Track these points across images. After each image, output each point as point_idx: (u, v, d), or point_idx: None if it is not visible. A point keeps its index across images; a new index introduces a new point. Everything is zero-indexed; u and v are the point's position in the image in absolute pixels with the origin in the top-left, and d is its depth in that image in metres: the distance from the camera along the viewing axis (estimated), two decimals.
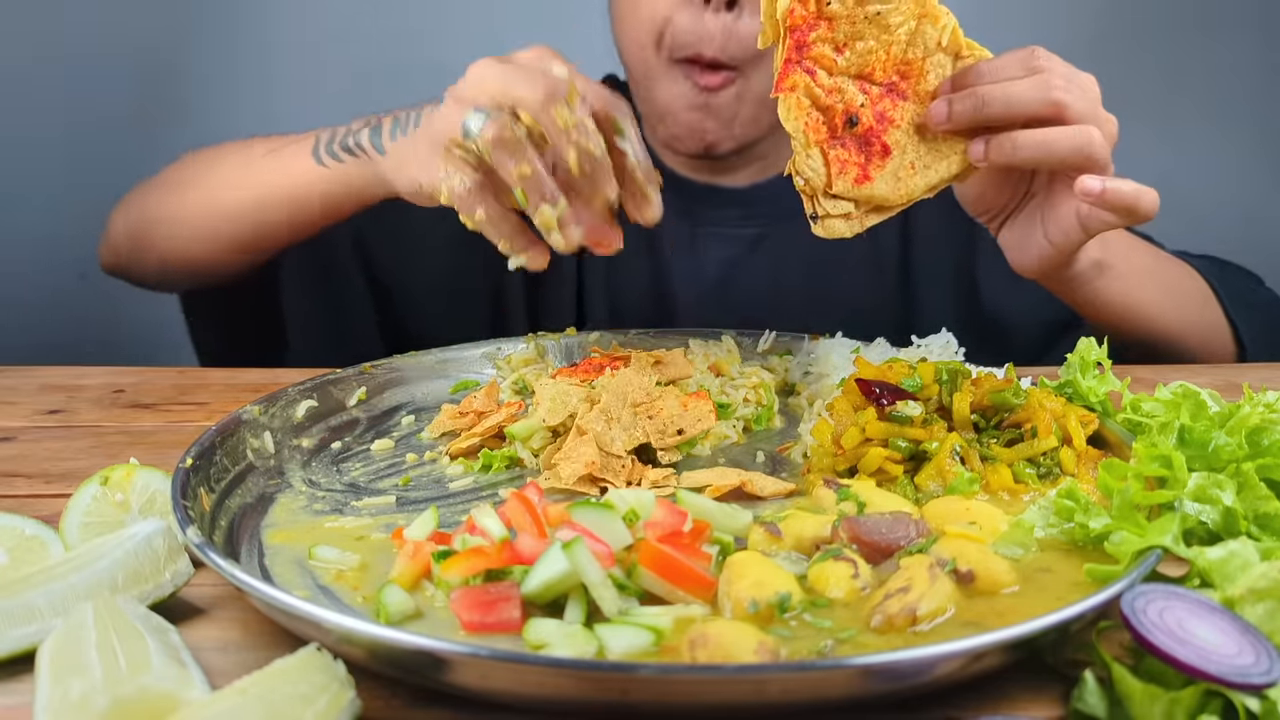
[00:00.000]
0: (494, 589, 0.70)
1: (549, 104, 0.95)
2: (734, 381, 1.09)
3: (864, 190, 0.99)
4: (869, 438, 0.91)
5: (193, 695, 0.62)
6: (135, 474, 0.86)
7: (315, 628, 0.66)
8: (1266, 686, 0.60)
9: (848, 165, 0.98)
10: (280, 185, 1.24)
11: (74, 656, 0.62)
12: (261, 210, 1.27)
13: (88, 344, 2.17)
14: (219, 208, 1.30)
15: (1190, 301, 1.36)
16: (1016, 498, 0.88)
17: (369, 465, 0.99)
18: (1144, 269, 1.30)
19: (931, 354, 1.11)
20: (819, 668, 0.62)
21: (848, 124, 0.98)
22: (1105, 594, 0.67)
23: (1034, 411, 0.92)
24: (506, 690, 0.63)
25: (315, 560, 0.80)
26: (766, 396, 1.09)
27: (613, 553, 0.71)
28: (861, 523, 0.77)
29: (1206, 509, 0.76)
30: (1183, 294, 1.36)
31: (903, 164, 1.00)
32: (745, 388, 1.09)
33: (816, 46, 0.97)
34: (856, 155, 0.99)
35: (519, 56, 1.01)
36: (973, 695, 0.66)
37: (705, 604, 0.71)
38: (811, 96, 0.97)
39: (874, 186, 0.99)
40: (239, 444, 0.95)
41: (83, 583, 0.71)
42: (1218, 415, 0.90)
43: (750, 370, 1.12)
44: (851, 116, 0.98)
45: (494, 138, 0.95)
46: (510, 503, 0.78)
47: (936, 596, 0.69)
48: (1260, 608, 0.66)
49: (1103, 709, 0.64)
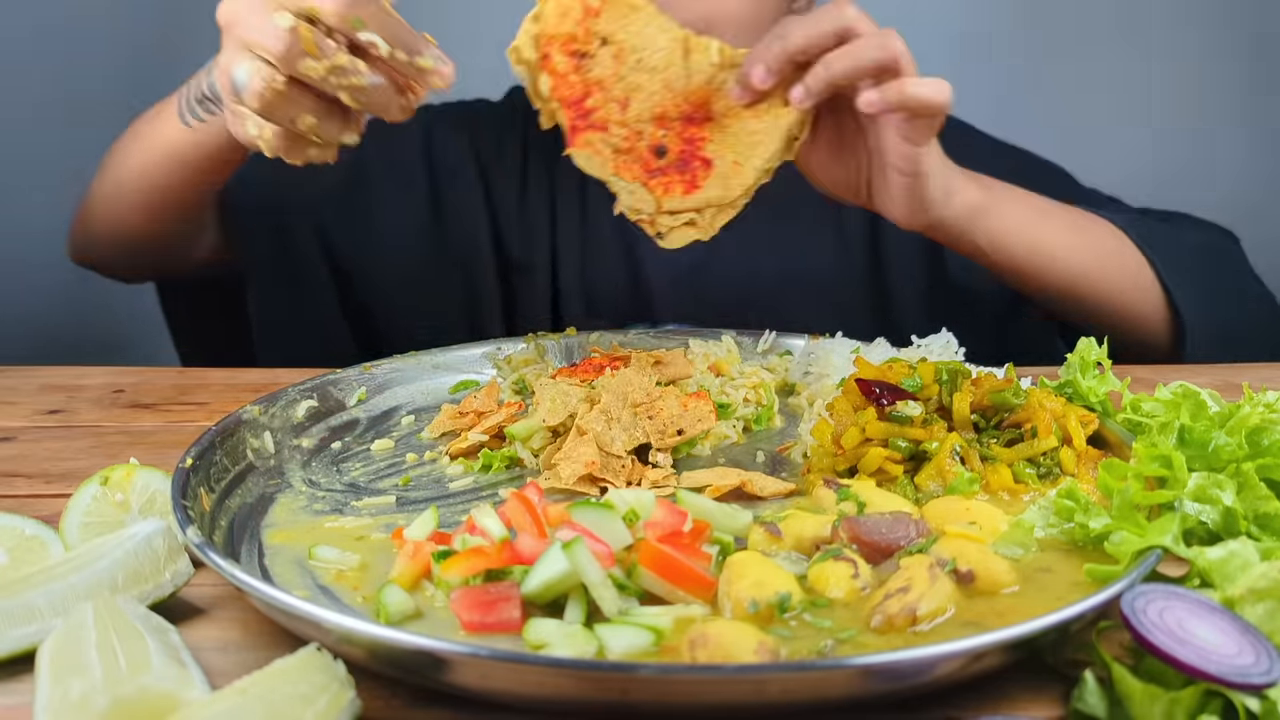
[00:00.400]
0: (494, 589, 0.70)
1: (292, 61, 0.91)
2: (734, 381, 1.09)
3: (696, 198, 1.00)
4: (869, 438, 0.91)
5: (193, 695, 0.62)
6: (135, 474, 0.86)
7: (315, 628, 0.66)
8: (1266, 686, 0.60)
9: (672, 185, 1.00)
10: (159, 147, 1.24)
11: (74, 656, 0.62)
12: (151, 174, 1.27)
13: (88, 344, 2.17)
14: (124, 176, 1.31)
15: (1103, 244, 1.31)
16: (1016, 498, 0.88)
17: (369, 465, 0.99)
18: (1038, 209, 1.27)
19: (931, 354, 1.11)
20: (819, 668, 0.62)
21: (657, 154, 0.99)
22: (1105, 594, 0.67)
23: (1034, 411, 0.92)
24: (506, 690, 0.63)
25: (315, 560, 0.80)
26: (766, 396, 1.09)
27: (613, 553, 0.71)
28: (861, 523, 0.77)
29: (1206, 509, 0.76)
30: (1093, 235, 1.31)
31: (726, 165, 1.01)
32: (745, 388, 1.09)
33: (598, 111, 0.98)
34: (679, 176, 1.00)
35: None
36: (973, 695, 0.66)
37: (705, 604, 0.71)
38: (611, 146, 0.99)
39: (705, 193, 1.01)
40: (239, 444, 0.95)
41: (83, 583, 0.72)
42: (1218, 415, 0.90)
43: (750, 370, 1.12)
44: (658, 147, 0.99)
45: (260, 100, 0.92)
46: (510, 503, 0.78)
47: (936, 596, 0.69)
48: (1260, 608, 0.66)
49: (1103, 709, 0.64)
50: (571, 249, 1.47)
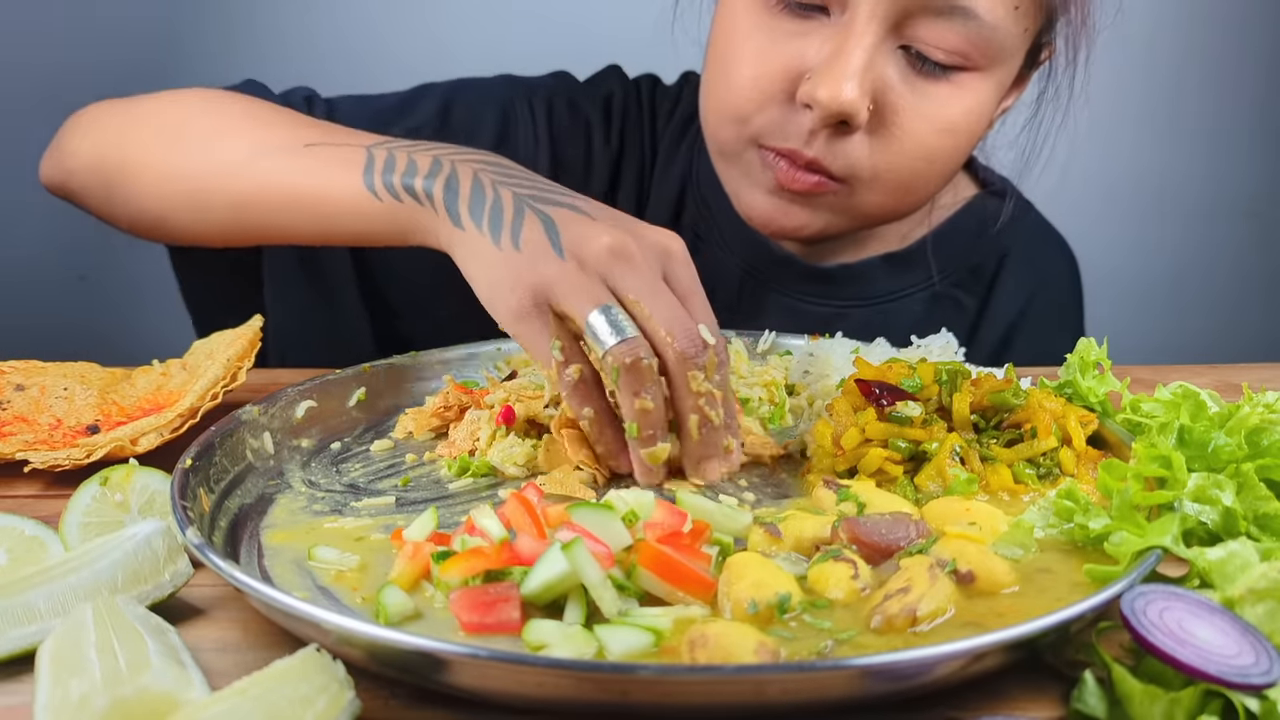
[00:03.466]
0: (493, 590, 0.70)
1: (686, 364, 0.87)
2: (746, 380, 1.10)
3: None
4: (869, 438, 0.91)
5: (192, 696, 0.62)
6: (135, 474, 0.86)
7: (315, 628, 0.66)
8: (1266, 686, 0.60)
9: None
10: (313, 194, 1.06)
11: (74, 656, 0.62)
12: (281, 210, 1.09)
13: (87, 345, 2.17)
14: (229, 187, 1.11)
15: None
16: (1016, 498, 0.88)
17: (369, 465, 0.99)
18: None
19: (931, 354, 1.11)
20: (819, 668, 0.62)
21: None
22: (1105, 594, 0.67)
23: (1034, 412, 0.92)
24: (506, 691, 0.63)
25: (315, 561, 0.80)
26: (778, 394, 1.09)
27: (612, 553, 0.71)
28: (861, 523, 0.77)
29: (1206, 509, 0.76)
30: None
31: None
32: (758, 385, 1.09)
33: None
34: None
35: (649, 237, 0.91)
36: (973, 695, 0.66)
37: (705, 605, 0.71)
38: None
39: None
40: (238, 444, 0.95)
41: (83, 583, 0.72)
42: (1217, 415, 0.90)
43: (762, 369, 1.12)
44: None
45: (629, 367, 0.86)
46: (510, 503, 0.78)
47: (936, 597, 0.69)
48: (1260, 608, 0.66)
49: (1103, 709, 0.64)
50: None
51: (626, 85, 1.47)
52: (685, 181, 1.43)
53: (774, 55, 1.14)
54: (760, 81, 1.15)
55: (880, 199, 1.20)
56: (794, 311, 1.39)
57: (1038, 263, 1.45)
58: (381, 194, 1.02)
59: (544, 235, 0.91)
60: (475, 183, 0.98)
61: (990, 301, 1.42)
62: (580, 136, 1.42)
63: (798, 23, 1.14)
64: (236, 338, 1.07)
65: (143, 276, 2.01)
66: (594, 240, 0.89)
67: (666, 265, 0.92)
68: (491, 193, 0.97)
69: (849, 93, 1.09)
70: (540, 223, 0.92)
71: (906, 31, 1.11)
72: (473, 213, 0.96)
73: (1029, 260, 1.44)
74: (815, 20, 1.13)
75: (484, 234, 0.94)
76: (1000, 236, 1.42)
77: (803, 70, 1.13)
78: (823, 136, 1.14)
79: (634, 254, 0.89)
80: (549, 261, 0.90)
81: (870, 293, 1.40)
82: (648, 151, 1.45)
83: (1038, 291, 1.43)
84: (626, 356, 0.86)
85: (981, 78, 1.15)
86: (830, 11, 1.12)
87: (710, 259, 1.41)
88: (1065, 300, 1.49)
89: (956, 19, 1.10)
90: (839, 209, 1.21)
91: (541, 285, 0.90)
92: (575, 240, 0.90)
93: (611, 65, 1.51)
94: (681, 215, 1.43)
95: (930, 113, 1.15)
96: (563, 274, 0.89)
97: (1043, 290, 1.44)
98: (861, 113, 1.11)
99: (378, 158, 1.04)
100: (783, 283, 1.39)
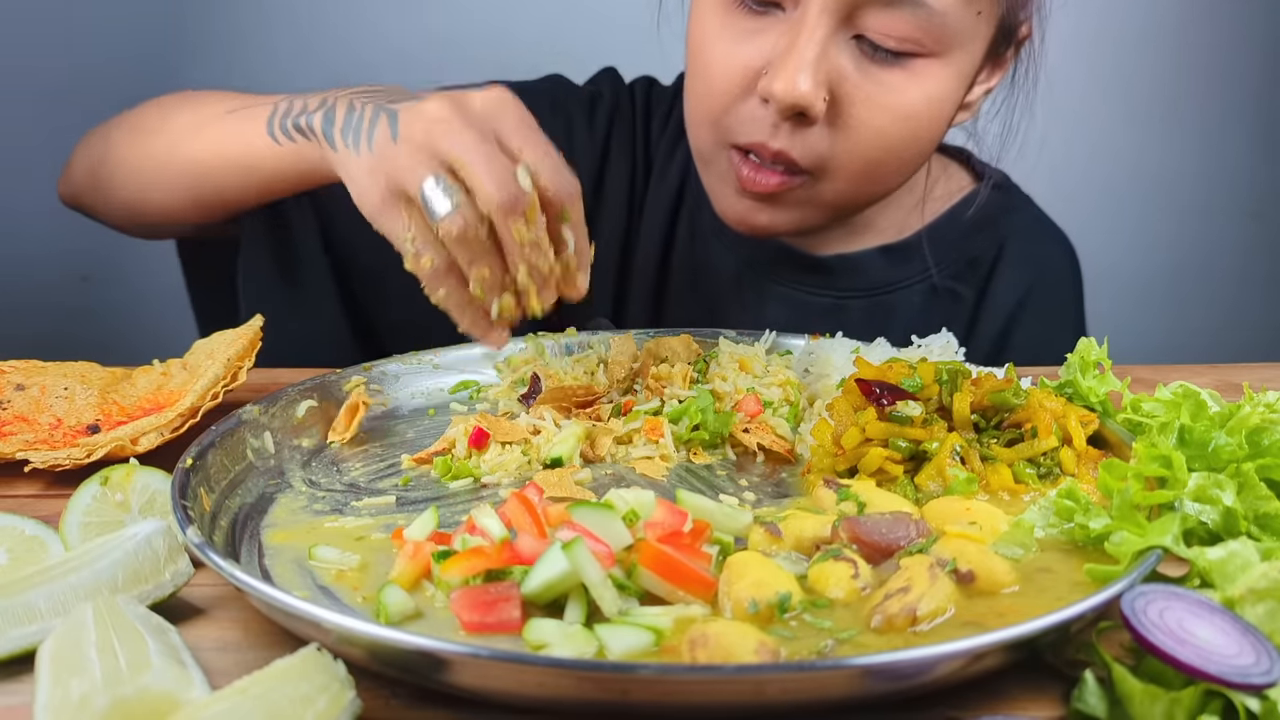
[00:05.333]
0: (494, 589, 0.70)
1: (509, 214, 0.92)
2: (762, 380, 1.10)
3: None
4: (869, 438, 0.91)
5: (193, 695, 0.62)
6: (135, 474, 0.86)
7: (315, 628, 0.66)
8: (1266, 686, 0.60)
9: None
10: (233, 150, 1.18)
11: (74, 656, 0.62)
12: (214, 172, 1.21)
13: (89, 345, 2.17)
14: (175, 160, 1.24)
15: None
16: (1016, 498, 0.88)
17: (369, 465, 0.99)
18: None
19: (931, 354, 1.11)
20: (819, 668, 0.62)
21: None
22: (1105, 594, 0.67)
23: (1034, 411, 0.92)
24: (506, 690, 0.63)
25: (315, 560, 0.80)
26: (794, 393, 1.09)
27: (613, 553, 0.71)
28: (861, 523, 0.77)
29: (1206, 509, 0.76)
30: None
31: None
32: (774, 385, 1.09)
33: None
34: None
35: (474, 103, 0.96)
36: (973, 695, 0.67)
37: (705, 604, 0.71)
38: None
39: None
40: (239, 444, 0.95)
41: (83, 583, 0.72)
42: (1218, 415, 0.90)
43: (775, 369, 1.12)
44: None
45: (458, 235, 0.92)
46: (510, 503, 0.78)
47: (936, 596, 0.69)
48: (1260, 608, 0.66)
49: (1103, 709, 0.64)
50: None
51: (619, 86, 1.49)
52: (684, 177, 1.44)
53: (736, 54, 1.18)
54: (725, 81, 1.18)
55: (843, 187, 1.22)
56: (793, 302, 1.40)
57: (1036, 256, 1.45)
58: (280, 139, 1.12)
59: (388, 129, 0.97)
60: (349, 107, 1.04)
61: (988, 293, 1.42)
62: (560, 134, 1.43)
63: (755, 20, 1.17)
64: (237, 338, 1.08)
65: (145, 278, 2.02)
66: (420, 117, 0.95)
67: (496, 123, 0.95)
68: (360, 110, 1.03)
69: (803, 85, 1.11)
70: (386, 119, 0.98)
71: (858, 22, 1.13)
72: (343, 133, 1.03)
73: (1027, 253, 1.44)
74: (771, 16, 1.16)
75: (350, 148, 1.01)
76: (997, 229, 1.43)
77: (762, 66, 1.16)
78: (785, 128, 1.16)
79: (453, 118, 0.94)
80: (390, 149, 0.96)
81: (868, 284, 1.40)
82: (640, 151, 1.47)
83: (1036, 284, 1.44)
84: (453, 228, 0.91)
85: (939, 63, 1.17)
86: (785, 7, 1.15)
87: (709, 254, 1.41)
88: (1064, 293, 1.49)
89: (905, 7, 1.12)
90: (805, 203, 1.23)
91: (389, 173, 0.96)
92: (407, 123, 0.96)
93: (607, 68, 1.52)
94: (679, 212, 1.44)
95: (886, 100, 1.16)
96: (397, 155, 0.95)
97: (1041, 283, 1.44)
98: (817, 104, 1.13)
99: (280, 108, 1.13)
100: (781, 274, 1.40)
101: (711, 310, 1.41)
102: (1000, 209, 1.42)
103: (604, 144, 1.45)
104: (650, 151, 1.46)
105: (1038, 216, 1.51)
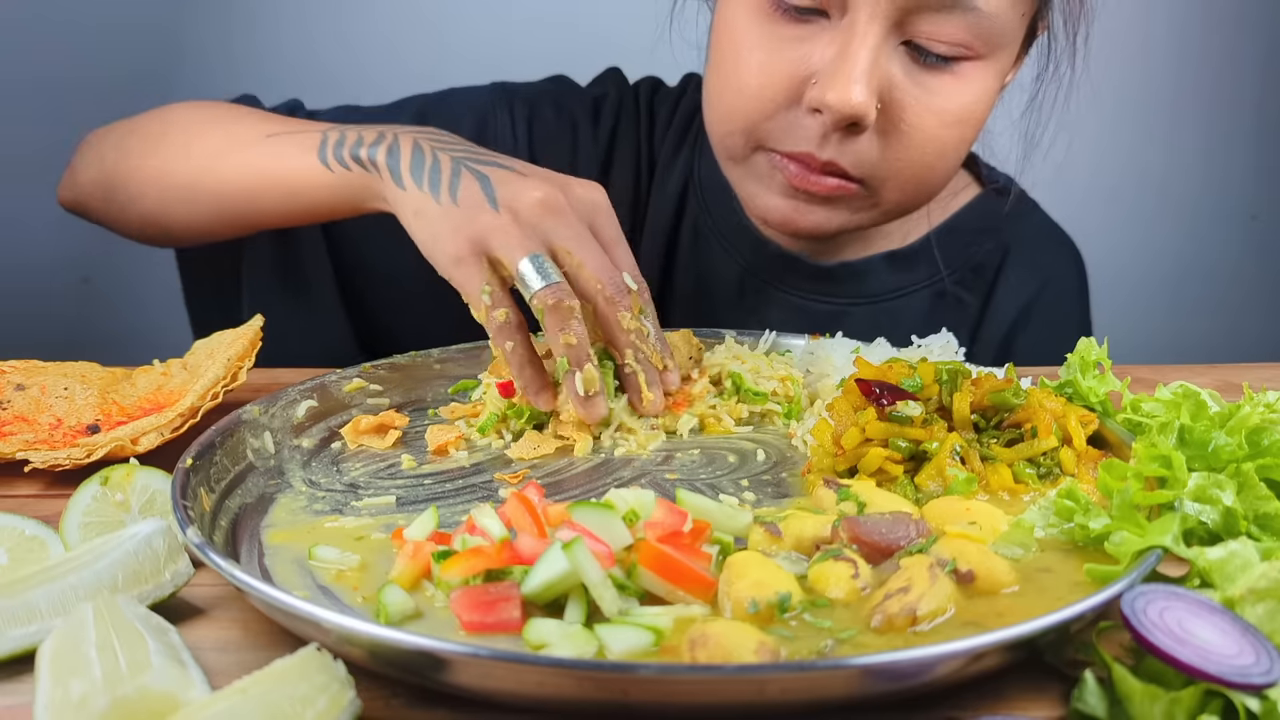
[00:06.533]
0: (494, 589, 0.70)
1: (614, 305, 1.00)
2: (762, 374, 1.10)
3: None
4: (869, 438, 0.91)
5: (193, 695, 0.62)
6: (135, 474, 0.86)
7: (315, 628, 0.66)
8: (1266, 686, 0.60)
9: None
10: (277, 175, 1.18)
11: (74, 656, 0.62)
12: (253, 194, 1.20)
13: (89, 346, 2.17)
14: (208, 180, 1.23)
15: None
16: (1016, 498, 0.88)
17: (369, 465, 0.99)
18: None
19: (931, 354, 1.11)
20: (819, 668, 0.62)
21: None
22: (1105, 594, 0.67)
23: (1034, 411, 0.92)
24: (506, 690, 0.63)
25: (315, 560, 0.80)
26: (794, 389, 1.09)
27: (613, 553, 0.71)
28: (861, 523, 0.77)
29: (1206, 509, 0.76)
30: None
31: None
32: (774, 379, 1.09)
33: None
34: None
35: (576, 191, 1.02)
36: (973, 695, 0.67)
37: (705, 604, 0.71)
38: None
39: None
40: (239, 444, 0.95)
41: (83, 583, 0.72)
42: (1218, 415, 0.90)
43: (776, 365, 1.13)
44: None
45: (553, 307, 0.97)
46: (510, 503, 0.78)
47: (936, 596, 0.69)
48: (1260, 608, 0.66)
49: (1103, 709, 0.64)
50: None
51: (623, 87, 1.48)
52: (687, 181, 1.43)
53: (778, 62, 1.14)
54: (766, 89, 1.15)
55: (897, 195, 1.21)
56: (796, 309, 1.39)
57: (1041, 261, 1.45)
58: (334, 166, 1.13)
59: (480, 191, 1.02)
60: (415, 148, 1.08)
61: (992, 299, 1.42)
62: (565, 137, 1.43)
63: (798, 27, 1.14)
64: (237, 338, 1.08)
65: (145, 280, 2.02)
66: (527, 194, 1.00)
67: (593, 218, 1.03)
68: (430, 156, 1.07)
69: (858, 95, 1.09)
70: (476, 180, 1.03)
71: (908, 28, 1.11)
72: (413, 174, 1.06)
73: (1032, 259, 1.44)
74: (816, 24, 1.13)
75: (424, 192, 1.04)
76: (1002, 234, 1.42)
77: (807, 75, 1.13)
78: (834, 139, 1.14)
79: (564, 207, 1.00)
80: (485, 214, 1.00)
81: (872, 290, 1.40)
82: (644, 151, 1.46)
83: (1041, 290, 1.43)
84: (550, 298, 0.97)
85: (983, 65, 1.16)
86: (830, 14, 1.12)
87: (712, 257, 1.41)
88: (1070, 299, 1.48)
89: (956, 11, 1.10)
90: (857, 207, 1.21)
91: (478, 235, 1.00)
92: (509, 195, 1.00)
93: (611, 68, 1.51)
94: (683, 214, 1.43)
95: (937, 106, 1.15)
96: (498, 225, 0.99)
97: (1046, 289, 1.44)
98: (871, 113, 1.11)
99: (330, 137, 1.15)
100: (784, 281, 1.40)
101: (713, 313, 1.41)
102: (1005, 214, 1.42)
103: (608, 145, 1.45)
104: (654, 153, 1.46)
105: (1044, 221, 1.50)
